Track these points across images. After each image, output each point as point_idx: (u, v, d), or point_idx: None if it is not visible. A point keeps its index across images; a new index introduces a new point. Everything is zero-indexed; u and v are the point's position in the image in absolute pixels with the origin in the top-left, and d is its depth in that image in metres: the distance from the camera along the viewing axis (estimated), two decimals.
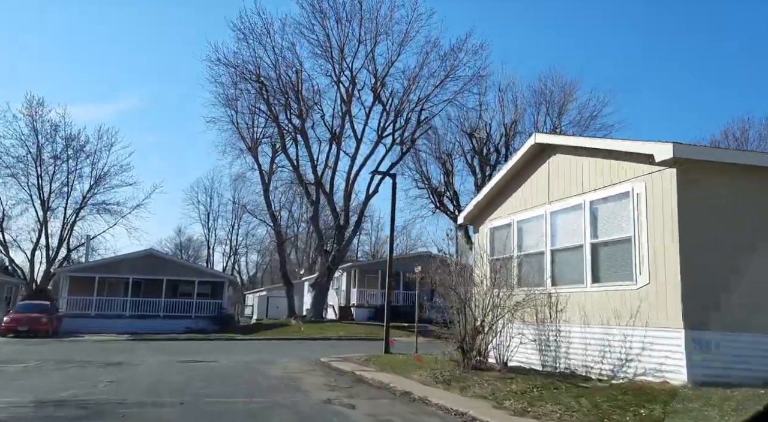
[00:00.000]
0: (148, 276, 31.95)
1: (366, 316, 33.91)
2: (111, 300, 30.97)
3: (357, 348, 21.72)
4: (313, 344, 23.89)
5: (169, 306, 31.63)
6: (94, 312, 30.54)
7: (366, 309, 34.18)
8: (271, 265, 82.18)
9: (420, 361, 13.08)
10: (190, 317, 31.93)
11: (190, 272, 32.74)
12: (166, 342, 24.66)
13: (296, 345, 22.94)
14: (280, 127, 31.88)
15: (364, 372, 12.25)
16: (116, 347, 21.12)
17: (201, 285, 33.08)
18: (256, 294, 53.71)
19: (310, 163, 32.59)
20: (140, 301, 31.29)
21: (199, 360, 15.48)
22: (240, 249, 72.04)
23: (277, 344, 23.79)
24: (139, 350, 19.45)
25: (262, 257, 77.12)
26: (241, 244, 70.85)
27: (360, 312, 34.09)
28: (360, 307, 34.28)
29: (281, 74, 31.50)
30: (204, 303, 32.34)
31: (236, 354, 17.68)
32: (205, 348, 21.29)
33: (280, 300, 48.67)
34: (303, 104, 31.85)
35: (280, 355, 17.35)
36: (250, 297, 61.61)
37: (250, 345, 23.49)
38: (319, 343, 24.30)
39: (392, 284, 18.14)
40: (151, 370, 12.76)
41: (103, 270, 31.29)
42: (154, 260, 31.92)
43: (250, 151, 40.39)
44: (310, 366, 14.27)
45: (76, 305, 30.52)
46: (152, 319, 31.06)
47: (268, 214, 42.59)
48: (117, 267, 31.36)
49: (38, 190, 42.64)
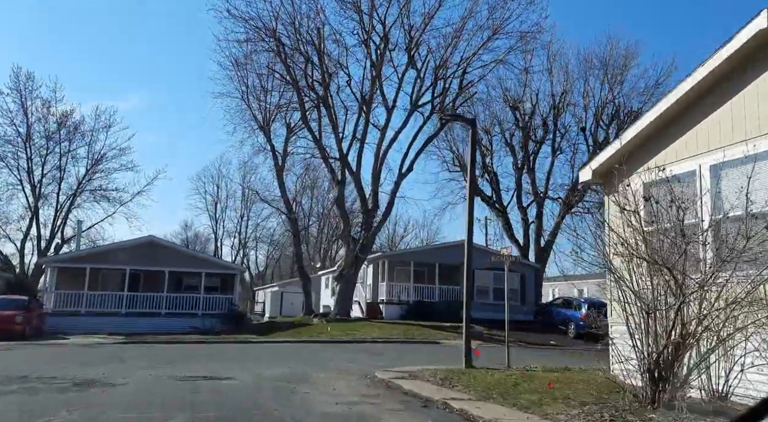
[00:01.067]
0: (147, 267, 27.69)
1: (397, 314, 29.51)
2: (105, 295, 26.72)
3: (408, 356, 17.33)
4: (346, 348, 19.52)
5: (172, 302, 27.35)
6: (85, 308, 26.29)
7: (396, 306, 29.78)
8: (281, 261, 78.03)
9: (551, 387, 8.57)
10: (196, 315, 27.64)
11: (196, 263, 28.41)
12: (166, 345, 20.36)
13: (328, 351, 18.57)
14: (299, 92, 27.43)
15: (463, 404, 7.82)
16: (103, 353, 16.80)
17: (209, 278, 28.78)
18: (267, 290, 49.39)
19: (334, 136, 28.27)
20: (138, 296, 27.02)
21: (207, 375, 11.10)
22: (249, 243, 67.72)
23: (304, 349, 19.42)
24: (130, 358, 15.12)
25: (274, 249, 72.79)
26: (250, 237, 66.52)
27: (390, 309, 29.70)
28: (389, 304, 29.89)
29: (300, 32, 27.09)
30: (212, 298, 28.03)
31: (256, 364, 13.31)
32: (214, 353, 16.95)
33: (295, 297, 44.33)
34: (326, 68, 27.43)
35: (316, 367, 12.96)
36: (260, 294, 57.35)
37: (271, 349, 19.14)
38: (353, 348, 19.93)
39: (470, 275, 13.86)
40: (132, 398, 8.38)
41: (96, 260, 27.01)
42: (154, 249, 27.63)
43: (262, 129, 36.01)
44: (368, 387, 9.86)
45: (65, 301, 26.29)
46: (152, 317, 26.79)
47: (282, 201, 38.25)
48: (112, 256, 27.12)
49: (28, 173, 38.49)
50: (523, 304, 31.41)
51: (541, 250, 34.37)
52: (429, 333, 24.93)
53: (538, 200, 34.56)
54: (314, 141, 28.43)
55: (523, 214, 36.04)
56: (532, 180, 34.41)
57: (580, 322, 26.27)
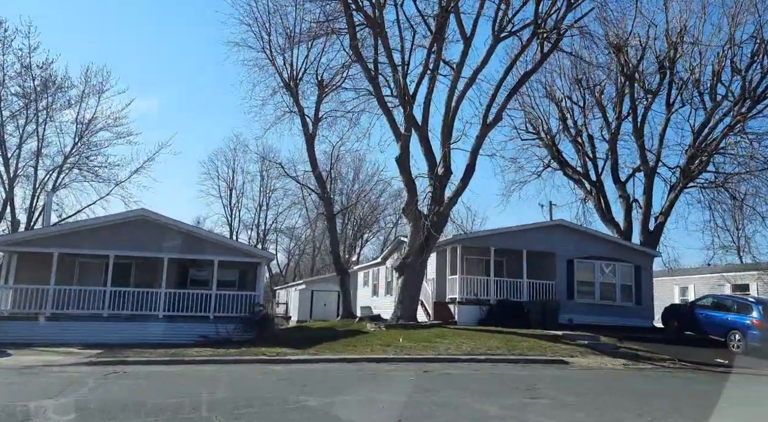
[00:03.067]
0: (140, 252, 20.21)
1: (474, 317, 21.84)
2: (80, 292, 19.22)
3: (595, 398, 9.75)
4: (460, 378, 11.93)
5: (174, 300, 19.82)
6: (51, 310, 18.77)
7: (473, 307, 22.10)
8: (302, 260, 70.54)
9: None
10: (206, 318, 20.15)
11: (207, 247, 20.77)
12: (156, 367, 12.89)
13: (436, 383, 10.94)
14: (348, 11, 19.76)
15: None
16: (41, 390, 9.30)
17: (224, 269, 21.18)
18: (292, 289, 41.76)
19: (392, 73, 20.58)
20: (126, 293, 19.49)
21: None
22: (269, 236, 60.15)
23: (391, 379, 11.81)
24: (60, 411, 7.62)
25: (296, 245, 65.17)
26: (270, 229, 58.91)
27: (465, 311, 22.02)
28: (464, 304, 22.23)
29: None
30: (228, 296, 20.48)
31: None
32: (238, 392, 9.42)
33: (327, 297, 36.71)
34: None
35: None
36: (281, 294, 49.82)
37: (331, 378, 11.57)
38: (467, 376, 12.33)
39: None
40: None
41: (67, 242, 19.45)
42: (149, 227, 20.07)
43: (288, 88, 28.70)
44: None
45: (25, 299, 18.84)
46: (145, 322, 19.31)
47: (313, 176, 30.67)
48: (90, 238, 19.64)
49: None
50: (638, 304, 23.58)
51: (649, 236, 26.49)
52: (537, 344, 17.20)
53: (646, 170, 26.67)
54: (369, 78, 20.66)
55: (622, 190, 28.16)
56: (641, 145, 26.52)
57: (753, 332, 18.39)
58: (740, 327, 18.80)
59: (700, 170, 26.11)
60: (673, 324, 21.86)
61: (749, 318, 18.64)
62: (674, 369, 15.67)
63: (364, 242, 62.59)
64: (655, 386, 12.15)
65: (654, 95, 26.01)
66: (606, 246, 23.68)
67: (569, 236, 23.45)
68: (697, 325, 20.56)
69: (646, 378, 13.30)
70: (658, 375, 14.14)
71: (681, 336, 21.31)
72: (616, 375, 13.94)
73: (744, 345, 18.51)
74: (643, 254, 24.10)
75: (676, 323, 21.76)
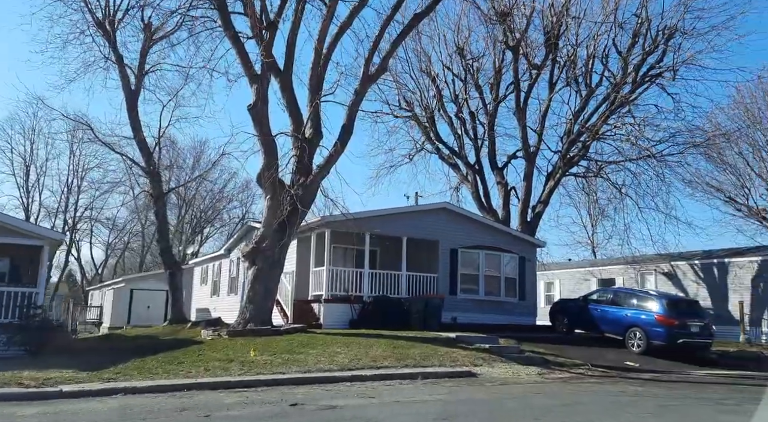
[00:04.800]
0: None
1: (344, 319, 17.56)
2: None
3: None
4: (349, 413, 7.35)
5: None
6: None
7: (343, 307, 17.76)
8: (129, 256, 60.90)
9: None
10: None
11: None
12: None
13: None
14: None
15: None
16: None
17: None
18: (107, 290, 33.94)
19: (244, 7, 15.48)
20: None
21: None
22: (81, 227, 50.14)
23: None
24: None
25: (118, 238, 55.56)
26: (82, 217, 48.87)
27: (333, 311, 17.59)
28: (332, 302, 17.79)
29: None
30: None
31: None
32: None
33: (153, 297, 29.93)
34: None
35: None
36: (95, 295, 41.19)
37: None
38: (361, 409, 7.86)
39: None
40: None
41: None
42: None
43: (101, 28, 22.47)
44: None
45: None
46: None
47: (135, 141, 24.15)
48: None
49: None
50: (522, 300, 20.99)
51: (527, 226, 24.30)
52: (430, 351, 13.30)
53: (527, 154, 24.44)
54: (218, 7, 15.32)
55: (500, 177, 25.77)
56: (523, 125, 24.22)
57: (656, 329, 16.33)
58: (641, 323, 16.67)
59: (580, 157, 24.54)
60: (563, 320, 19.48)
61: (652, 313, 16.59)
62: (598, 377, 12.69)
63: (205, 238, 55.28)
64: (611, 407, 8.72)
65: (539, 70, 23.90)
66: (491, 235, 20.76)
67: (455, 222, 20.13)
68: (591, 322, 18.27)
69: (586, 395, 9.92)
70: (589, 387, 10.92)
71: (573, 335, 18.97)
72: (544, 390, 10.44)
73: (645, 343, 16.39)
74: (527, 244, 21.59)
75: (566, 320, 19.39)
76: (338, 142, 15.73)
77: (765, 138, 35.16)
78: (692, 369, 15.18)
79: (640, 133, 22.31)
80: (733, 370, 15.52)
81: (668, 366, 15.08)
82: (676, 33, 22.28)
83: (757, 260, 22.53)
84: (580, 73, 24.14)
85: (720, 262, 23.73)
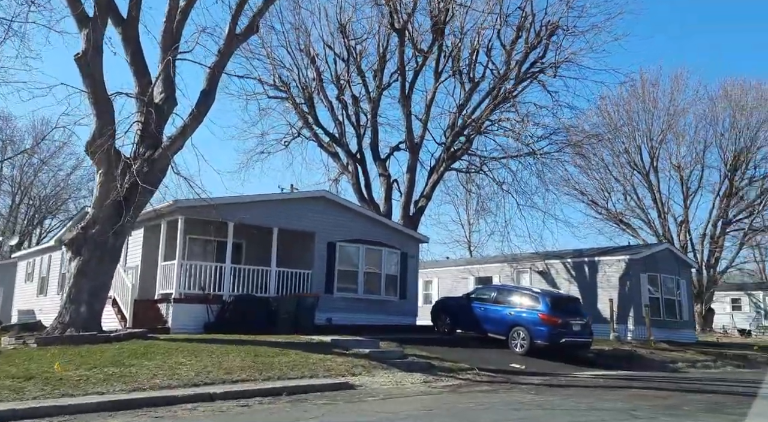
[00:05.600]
0: None
1: (199, 320, 14.95)
2: None
3: None
4: None
5: None
6: None
7: (197, 306, 15.10)
8: None
9: None
10: None
11: None
12: None
13: None
14: None
15: None
16: None
17: None
18: None
19: None
20: None
21: None
22: None
23: None
24: None
25: None
26: None
27: (184, 313, 14.85)
28: (184, 301, 15.03)
29: None
30: None
31: None
32: None
33: None
34: None
35: None
36: None
37: None
38: None
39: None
40: None
41: None
42: None
43: None
44: None
45: None
46: None
47: None
48: None
49: None
50: (403, 298, 19.56)
51: (409, 221, 23.01)
52: (301, 359, 11.18)
53: (411, 144, 23.14)
54: None
55: (382, 168, 24.26)
56: (407, 114, 22.85)
57: (540, 328, 15.56)
58: (525, 322, 15.83)
59: (464, 151, 23.73)
60: (445, 320, 18.27)
61: (535, 311, 15.79)
62: (488, 383, 11.38)
63: (45, 231, 48.32)
64: None
65: (425, 56, 22.70)
66: (373, 228, 19.07)
67: (334, 213, 18.15)
68: (474, 321, 17.21)
69: (486, 412, 8.37)
70: (484, 399, 9.46)
71: (455, 336, 17.81)
72: (438, 405, 8.80)
73: (528, 343, 15.55)
74: (411, 239, 20.19)
75: (448, 319, 18.20)
76: (195, 109, 13.08)
77: (624, 146, 37.63)
78: (576, 369, 14.53)
79: (524, 128, 21.90)
80: (612, 370, 15.14)
81: (552, 368, 14.30)
82: (558, 30, 22.22)
83: (624, 259, 23.03)
84: (465, 65, 23.36)
85: (591, 261, 24.06)
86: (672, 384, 12.55)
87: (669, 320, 23.13)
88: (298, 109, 23.68)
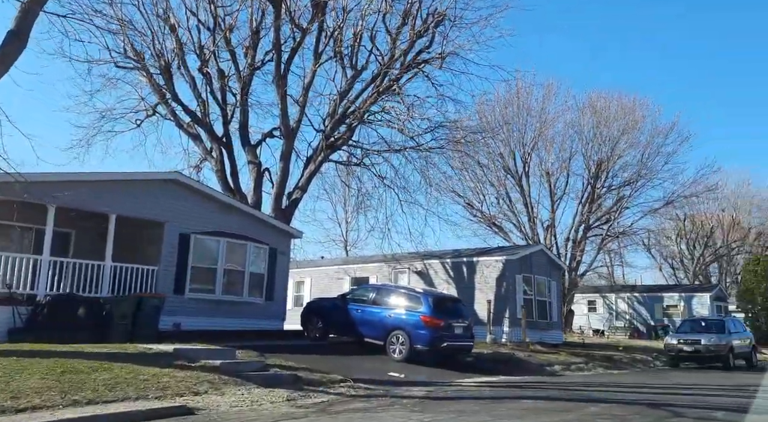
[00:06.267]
0: None
1: (1, 327, 11.66)
2: None
3: None
4: None
5: None
6: None
7: (1, 308, 11.80)
8: None
9: None
10: None
11: None
12: None
13: None
14: None
15: None
16: None
17: None
18: None
19: None
20: None
21: None
22: None
23: None
24: None
25: None
26: None
27: None
28: None
29: None
30: None
31: None
32: None
33: None
34: None
35: None
36: None
37: None
38: None
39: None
40: None
41: None
42: None
43: None
44: None
45: None
46: None
47: None
48: None
49: None
50: (269, 300, 17.32)
51: (281, 214, 20.78)
52: (128, 375, 8.66)
53: (286, 130, 20.90)
54: None
55: (252, 155, 21.77)
56: (282, 94, 20.57)
57: (421, 331, 14.21)
58: (405, 325, 14.37)
59: (344, 140, 21.98)
60: (317, 324, 16.32)
61: (416, 313, 14.40)
62: (364, 399, 9.62)
63: None
64: None
65: (303, 33, 20.62)
66: (238, 219, 16.62)
67: (189, 200, 15.44)
68: (350, 325, 15.45)
69: None
70: (360, 419, 7.67)
71: (326, 341, 15.94)
72: None
73: (408, 349, 14.12)
74: (282, 233, 17.97)
75: (320, 323, 16.28)
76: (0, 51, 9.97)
77: (499, 150, 38.26)
78: (457, 376, 13.32)
79: (408, 117, 20.63)
80: (494, 375, 14.16)
81: (433, 375, 12.96)
82: (445, 19, 21.30)
83: (501, 259, 22.64)
84: (347, 48, 21.66)
85: (469, 261, 23.44)
86: (561, 392, 11.67)
87: (541, 321, 23.11)
88: (153, 81, 20.48)
